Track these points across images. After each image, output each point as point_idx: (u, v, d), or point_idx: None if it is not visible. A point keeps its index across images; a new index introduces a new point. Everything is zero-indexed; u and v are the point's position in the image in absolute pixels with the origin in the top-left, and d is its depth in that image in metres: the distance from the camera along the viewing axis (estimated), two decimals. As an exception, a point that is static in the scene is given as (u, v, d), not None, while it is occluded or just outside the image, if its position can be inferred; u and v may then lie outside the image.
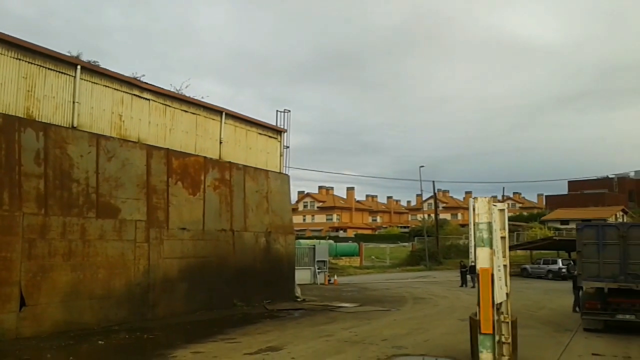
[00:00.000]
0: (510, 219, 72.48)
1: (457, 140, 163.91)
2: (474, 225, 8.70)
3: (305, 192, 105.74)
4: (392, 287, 28.27)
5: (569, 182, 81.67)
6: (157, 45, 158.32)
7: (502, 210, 9.33)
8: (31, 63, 13.33)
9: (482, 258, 8.48)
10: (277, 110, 22.94)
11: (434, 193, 51.98)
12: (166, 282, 16.03)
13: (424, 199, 65.36)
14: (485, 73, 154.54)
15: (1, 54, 12.70)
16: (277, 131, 22.54)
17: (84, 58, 14.91)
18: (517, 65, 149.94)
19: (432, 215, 59.41)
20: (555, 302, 21.39)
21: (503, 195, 62.53)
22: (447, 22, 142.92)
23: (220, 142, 19.34)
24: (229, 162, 19.41)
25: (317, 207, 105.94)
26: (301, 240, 36.25)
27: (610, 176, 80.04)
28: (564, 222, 61.88)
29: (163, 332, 13.75)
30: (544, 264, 36.81)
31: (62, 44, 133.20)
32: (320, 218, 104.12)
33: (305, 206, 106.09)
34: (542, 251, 41.23)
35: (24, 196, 12.57)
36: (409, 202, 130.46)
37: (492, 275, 8.40)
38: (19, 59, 13.07)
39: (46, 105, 13.56)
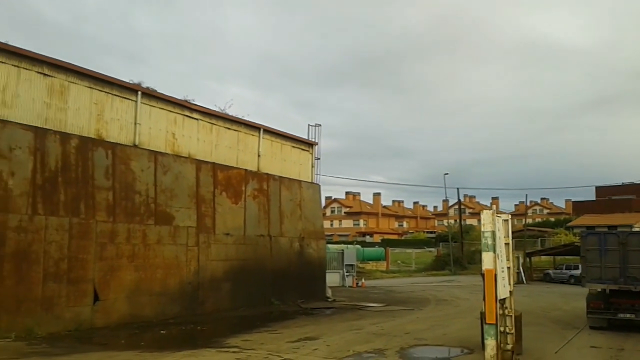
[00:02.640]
0: (536, 224, 73.61)
1: (485, 144, 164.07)
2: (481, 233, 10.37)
3: (333, 198, 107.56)
4: (417, 290, 29.81)
5: (597, 187, 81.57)
6: (187, 50, 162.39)
7: (506, 220, 10.97)
8: (100, 90, 15.50)
9: (486, 261, 10.12)
10: (308, 124, 24.94)
11: (459, 200, 53.25)
12: (213, 281, 18.03)
13: (450, 204, 66.51)
14: (514, 75, 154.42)
15: (77, 84, 14.89)
16: (308, 144, 24.45)
17: (115, 64, 17.03)
18: (547, 67, 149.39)
19: (458, 220, 60.54)
20: (571, 304, 22.69)
21: (526, 202, 63.09)
22: (474, 24, 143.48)
23: (259, 156, 21.33)
24: (267, 174, 21.37)
25: (344, 213, 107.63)
26: (329, 245, 38.00)
27: (637, 182, 79.77)
28: (590, 228, 62.24)
29: (212, 325, 15.72)
30: (566, 269, 37.79)
31: (94, 50, 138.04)
32: (347, 223, 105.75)
33: (332, 211, 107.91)
34: (567, 257, 42.17)
35: (96, 206, 14.69)
36: (435, 207, 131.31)
37: (495, 275, 10.05)
38: (91, 88, 15.25)
39: (113, 127, 15.71)
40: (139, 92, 16.48)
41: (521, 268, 36.37)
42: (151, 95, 16.95)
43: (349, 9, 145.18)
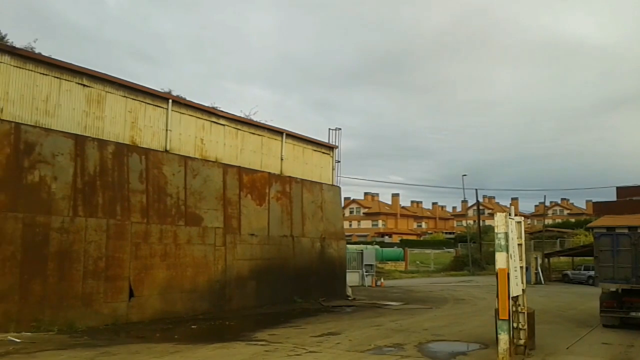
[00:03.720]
0: (556, 225, 73.44)
1: (504, 144, 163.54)
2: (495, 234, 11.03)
3: (351, 199, 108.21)
4: (435, 290, 30.38)
5: (618, 188, 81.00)
6: (207, 52, 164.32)
7: (519, 222, 11.61)
8: (134, 99, 16.45)
9: (500, 260, 10.78)
10: (329, 129, 25.69)
11: (477, 201, 53.57)
12: (239, 279, 18.89)
13: (469, 205, 66.76)
14: (534, 75, 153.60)
15: (113, 93, 15.85)
16: (329, 147, 25.23)
17: (137, 67, 17.97)
18: (567, 66, 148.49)
19: (477, 221, 60.79)
20: (587, 304, 23.08)
21: (545, 203, 63.07)
22: (495, 24, 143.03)
23: (282, 159, 22.15)
24: (289, 177, 22.18)
25: (363, 213, 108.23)
26: (348, 245, 38.68)
27: (659, 182, 78.95)
28: (610, 229, 61.95)
29: (240, 320, 16.56)
30: (584, 269, 37.98)
31: (117, 53, 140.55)
32: (366, 224, 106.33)
33: (351, 212, 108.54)
34: (586, 257, 42.27)
35: (131, 208, 15.63)
36: (454, 208, 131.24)
37: (508, 274, 10.70)
38: (126, 97, 16.21)
39: (146, 133, 16.65)
40: (170, 100, 17.40)
41: (539, 269, 36.68)
42: (181, 103, 17.87)
43: (368, 8, 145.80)
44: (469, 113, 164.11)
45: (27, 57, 14.08)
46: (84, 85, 15.17)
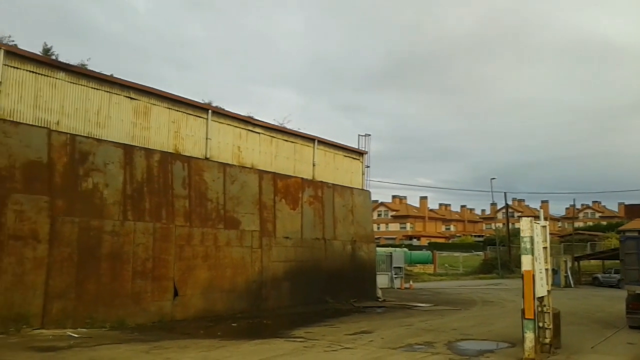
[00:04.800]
0: (587, 228, 72.68)
1: (535, 146, 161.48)
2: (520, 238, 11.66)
3: (379, 201, 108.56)
4: (464, 293, 30.83)
5: (651, 191, 79.67)
6: (236, 56, 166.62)
7: (544, 227, 12.21)
8: (177, 110, 17.50)
9: (525, 263, 11.40)
10: (358, 135, 26.44)
11: (506, 204, 53.61)
12: (274, 280, 19.78)
13: (498, 207, 66.65)
14: (566, 76, 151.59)
15: (158, 105, 16.94)
16: (359, 153, 25.99)
17: (166, 72, 18.96)
18: (599, 66, 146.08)
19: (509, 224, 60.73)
20: (615, 307, 23.28)
21: (575, 207, 62.58)
22: (524, 24, 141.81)
23: (314, 165, 23.01)
24: (321, 182, 23.02)
25: (391, 216, 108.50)
26: (377, 248, 39.26)
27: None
28: (643, 232, 61.19)
29: (276, 319, 17.43)
30: (615, 273, 37.85)
31: (147, 59, 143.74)
32: (394, 226, 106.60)
33: (379, 215, 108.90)
34: (616, 261, 42.04)
35: (175, 212, 16.66)
36: (483, 210, 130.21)
37: (533, 275, 11.31)
38: (169, 108, 17.27)
39: (188, 142, 17.68)
40: (210, 111, 18.43)
41: (569, 272, 36.73)
42: (219, 113, 18.89)
43: (395, 10, 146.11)
44: (499, 114, 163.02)
45: (80, 74, 15.24)
46: (132, 98, 16.27)
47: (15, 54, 14.07)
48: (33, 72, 14.32)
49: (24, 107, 14.02)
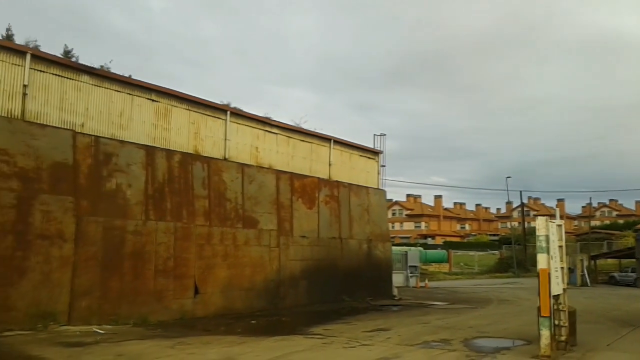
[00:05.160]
0: (604, 227, 72.15)
1: (550, 143, 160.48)
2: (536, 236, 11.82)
3: (394, 200, 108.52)
4: (479, 291, 30.90)
5: (669, 189, 78.84)
6: (250, 56, 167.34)
7: (559, 226, 12.35)
8: (196, 112, 17.87)
9: (541, 261, 11.56)
10: (374, 134, 26.72)
11: (522, 203, 53.44)
12: (292, 279, 20.09)
13: (514, 206, 66.41)
14: (581, 73, 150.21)
15: (178, 107, 17.32)
16: (374, 153, 26.21)
17: (181, 71, 19.43)
18: (615, 63, 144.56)
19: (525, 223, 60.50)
20: (632, 305, 23.34)
21: (591, 205, 62.15)
22: (539, 21, 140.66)
23: (330, 165, 23.28)
24: (337, 181, 23.28)
25: (405, 215, 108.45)
26: (392, 247, 39.44)
27: None
28: (661, 230, 60.68)
29: (294, 317, 17.73)
30: (631, 271, 37.69)
31: (163, 58, 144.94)
32: (409, 225, 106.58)
33: (393, 214, 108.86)
34: (633, 259, 41.80)
35: (195, 212, 17.02)
36: (498, 209, 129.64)
37: (549, 274, 11.47)
38: (189, 110, 17.64)
39: (207, 143, 18.04)
40: (228, 112, 18.78)
41: (585, 271, 36.61)
42: (238, 114, 19.24)
43: (409, 8, 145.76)
44: (514, 112, 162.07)
45: (103, 76, 15.65)
46: (153, 100, 16.67)
47: (41, 58, 14.50)
48: (58, 75, 14.74)
49: (50, 110, 14.44)
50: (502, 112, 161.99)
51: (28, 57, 14.08)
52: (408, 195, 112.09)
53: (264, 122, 20.28)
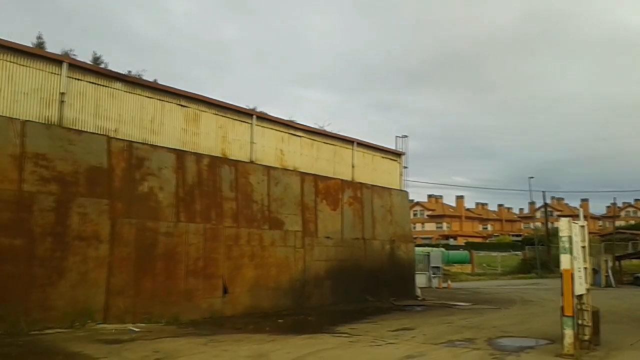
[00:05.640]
0: (628, 227, 71.17)
1: (576, 143, 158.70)
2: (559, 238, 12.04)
3: (415, 201, 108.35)
4: (503, 292, 30.93)
5: (698, 188, 77.46)
6: (270, 56, 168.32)
7: (582, 227, 12.55)
8: (224, 116, 18.39)
9: (564, 262, 11.77)
10: (396, 136, 27.05)
11: (544, 203, 53.11)
12: (316, 279, 20.50)
13: (537, 206, 65.95)
14: (605, 70, 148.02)
15: (206, 112, 17.86)
16: (397, 154, 26.51)
17: (202, 74, 19.99)
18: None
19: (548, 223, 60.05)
20: (658, 306, 23.23)
21: (616, 205, 61.43)
22: (561, 18, 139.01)
23: (353, 167, 23.64)
24: (360, 183, 23.63)
25: (427, 216, 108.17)
26: (415, 248, 39.65)
27: None
28: (688, 231, 59.75)
29: (319, 316, 18.11)
30: (658, 272, 37.33)
31: (183, 61, 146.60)
32: (430, 226, 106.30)
33: (415, 214, 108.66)
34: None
35: (224, 214, 17.53)
36: (521, 209, 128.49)
37: (572, 274, 11.68)
38: (217, 114, 18.16)
39: (234, 146, 18.55)
40: (254, 116, 19.28)
41: (610, 271, 36.32)
42: (263, 118, 19.73)
43: (429, 7, 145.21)
44: (537, 111, 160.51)
45: (136, 83, 16.25)
46: (182, 105, 17.22)
47: (77, 66, 15.15)
48: (93, 83, 15.37)
49: (85, 116, 15.07)
50: (525, 111, 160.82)
51: (65, 66, 14.72)
52: (429, 196, 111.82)
53: (289, 125, 20.74)
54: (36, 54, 14.61)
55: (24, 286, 13.11)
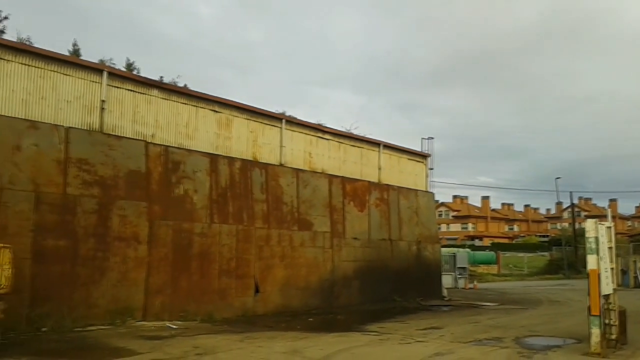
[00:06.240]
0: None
1: (603, 142, 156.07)
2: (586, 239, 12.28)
3: (440, 202, 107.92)
4: (530, 293, 30.94)
5: None
6: (295, 58, 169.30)
7: (609, 228, 12.75)
8: (254, 121, 18.96)
9: (591, 262, 12.01)
10: (422, 138, 27.32)
11: (572, 204, 52.65)
12: (345, 279, 20.93)
13: (564, 207, 65.31)
14: (635, 68, 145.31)
15: (238, 117, 18.45)
16: (423, 156, 26.80)
17: (227, 76, 20.49)
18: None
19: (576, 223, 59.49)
20: (687, 307, 23.07)
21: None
22: (590, 15, 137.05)
23: (379, 169, 24.01)
24: (387, 185, 23.99)
25: (452, 216, 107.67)
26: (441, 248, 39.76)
27: None
28: None
29: (348, 315, 18.56)
30: (687, 273, 36.76)
31: (210, 63, 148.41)
32: (455, 227, 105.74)
33: (440, 215, 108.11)
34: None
35: (255, 215, 18.09)
36: (548, 210, 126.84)
37: (599, 274, 11.91)
38: (248, 119, 18.74)
39: (264, 150, 19.10)
40: (283, 120, 19.82)
41: (638, 272, 35.98)
42: (292, 122, 20.25)
43: (453, 6, 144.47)
44: (564, 110, 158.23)
45: (171, 90, 16.91)
46: (215, 111, 17.85)
47: (116, 75, 15.87)
48: (131, 90, 16.06)
49: (124, 122, 15.76)
50: (551, 110, 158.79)
51: (105, 74, 15.43)
52: (454, 197, 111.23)
53: (317, 129, 21.22)
54: (78, 63, 15.37)
55: (69, 285, 13.84)
